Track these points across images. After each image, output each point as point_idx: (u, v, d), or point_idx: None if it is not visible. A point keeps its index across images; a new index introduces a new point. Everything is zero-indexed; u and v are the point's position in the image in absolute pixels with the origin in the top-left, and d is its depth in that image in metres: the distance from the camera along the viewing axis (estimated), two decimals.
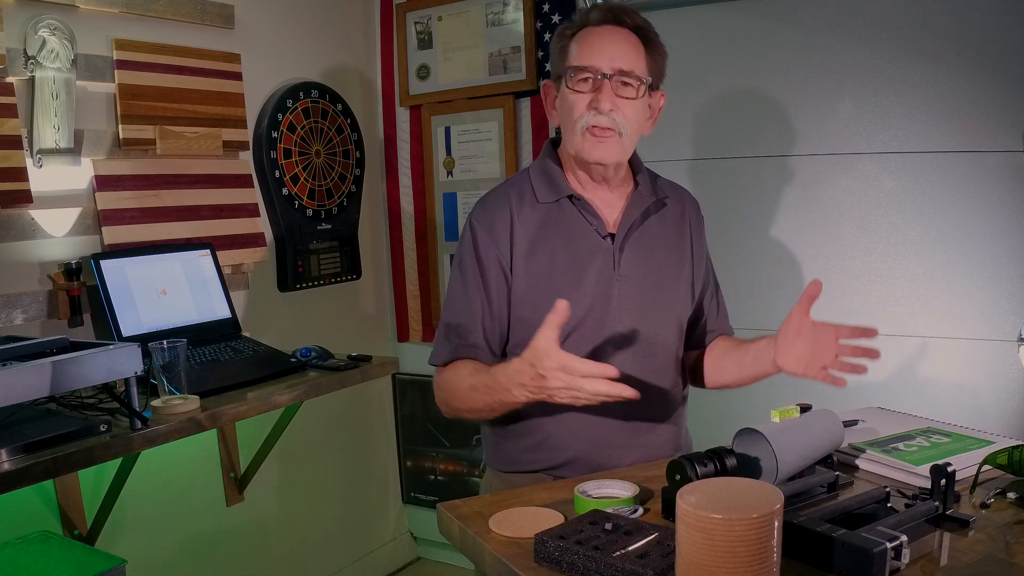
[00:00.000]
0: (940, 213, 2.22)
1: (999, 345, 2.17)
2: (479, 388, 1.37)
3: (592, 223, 1.46)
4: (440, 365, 1.49)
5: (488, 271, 1.45)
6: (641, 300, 1.47)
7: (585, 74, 1.40)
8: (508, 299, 1.46)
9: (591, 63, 1.40)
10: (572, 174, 1.49)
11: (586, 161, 1.44)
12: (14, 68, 1.95)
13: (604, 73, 1.39)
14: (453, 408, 1.47)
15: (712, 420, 1.76)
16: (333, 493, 2.95)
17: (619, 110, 1.39)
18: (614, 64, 1.39)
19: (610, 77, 1.39)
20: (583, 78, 1.40)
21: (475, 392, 1.38)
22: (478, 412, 1.43)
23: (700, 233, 1.60)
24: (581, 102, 1.40)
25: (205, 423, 1.76)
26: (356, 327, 3.05)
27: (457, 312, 1.48)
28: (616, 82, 1.39)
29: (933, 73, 2.18)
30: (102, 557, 1.57)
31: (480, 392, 1.37)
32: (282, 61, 2.70)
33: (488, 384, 1.35)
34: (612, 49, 1.40)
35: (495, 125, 2.85)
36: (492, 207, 1.48)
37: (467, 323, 1.46)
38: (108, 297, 2.00)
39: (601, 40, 1.41)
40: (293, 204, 2.69)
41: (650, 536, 0.99)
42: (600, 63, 1.39)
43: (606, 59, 1.39)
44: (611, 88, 1.39)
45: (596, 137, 1.40)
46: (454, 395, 1.44)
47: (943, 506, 1.08)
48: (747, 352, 1.49)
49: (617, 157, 1.44)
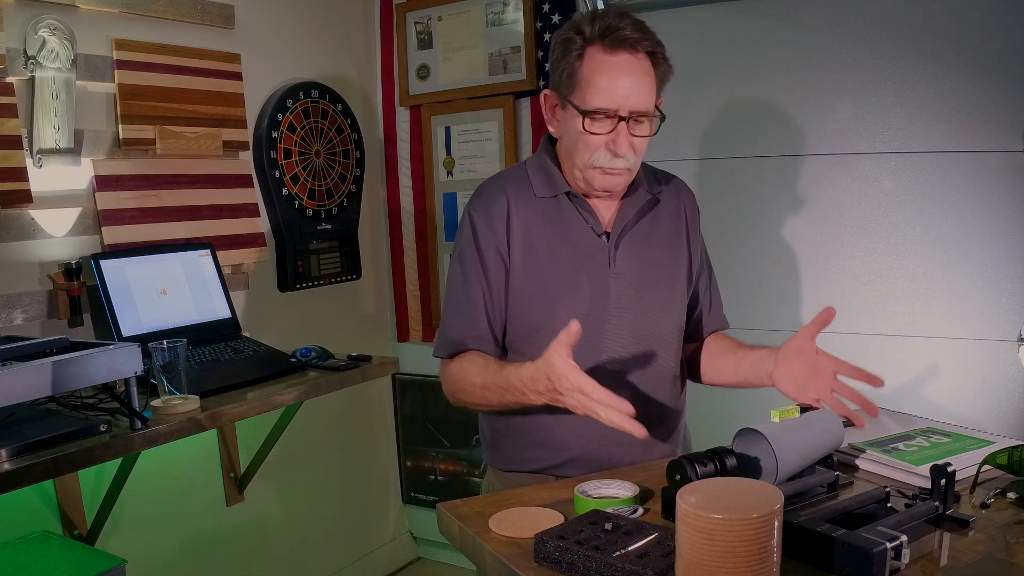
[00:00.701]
0: (940, 213, 2.22)
1: (999, 345, 2.17)
2: (491, 388, 1.37)
3: (588, 221, 1.46)
4: (445, 357, 1.49)
5: (488, 261, 1.45)
6: (638, 298, 1.46)
7: (600, 115, 1.36)
8: (506, 288, 1.46)
9: (608, 105, 1.35)
10: (568, 174, 1.49)
11: (594, 189, 1.43)
12: (14, 68, 1.95)
13: (621, 116, 1.35)
14: (460, 400, 1.47)
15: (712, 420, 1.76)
16: (333, 493, 2.95)
17: (632, 149, 1.38)
18: (630, 106, 1.35)
19: (626, 119, 1.36)
20: (598, 119, 1.36)
21: (487, 391, 1.38)
22: (487, 407, 1.44)
23: (695, 223, 1.59)
24: (596, 141, 1.37)
25: (205, 423, 1.76)
26: (356, 327, 3.05)
27: (460, 303, 1.47)
28: (632, 123, 1.37)
29: (933, 73, 2.18)
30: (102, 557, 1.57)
31: (493, 391, 1.37)
32: (282, 61, 2.70)
33: (502, 386, 1.35)
34: (629, 87, 1.35)
35: (495, 125, 2.85)
36: (489, 198, 1.48)
37: (471, 314, 1.46)
38: (108, 297, 2.00)
39: (618, 77, 1.35)
40: (293, 204, 2.69)
41: (650, 536, 0.99)
42: (617, 104, 1.35)
43: (622, 99, 1.34)
44: (627, 131, 1.36)
45: (608, 174, 1.40)
46: (462, 389, 1.45)
47: (943, 506, 1.08)
48: (745, 358, 1.49)
49: (624, 186, 1.45)
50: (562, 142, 1.46)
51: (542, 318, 1.43)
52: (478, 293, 1.46)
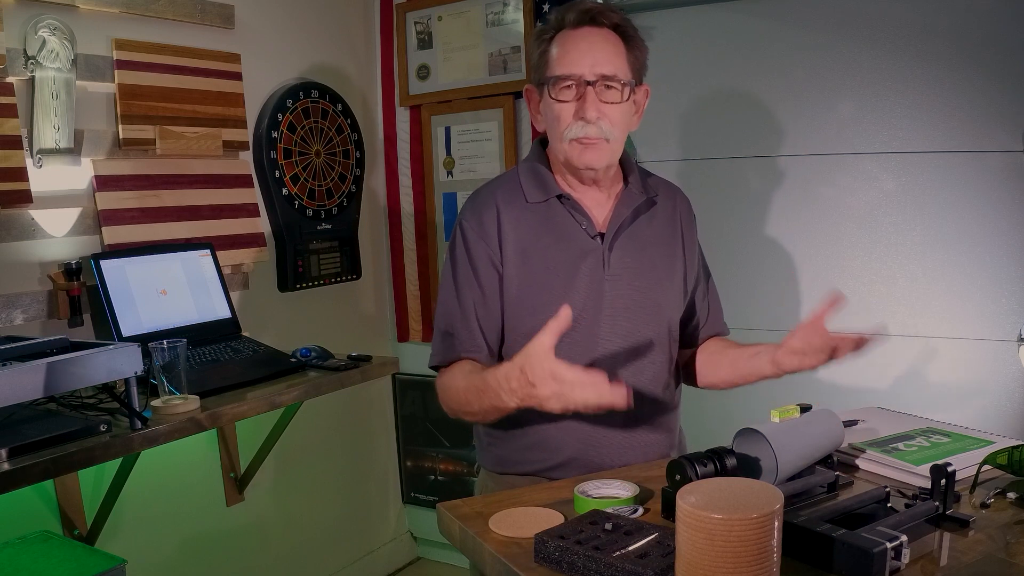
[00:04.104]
0: (940, 213, 2.22)
1: (999, 345, 2.17)
2: (471, 391, 1.35)
3: (581, 223, 1.45)
4: (440, 367, 1.48)
5: (480, 270, 1.45)
6: (633, 299, 1.46)
7: (567, 82, 1.38)
8: (501, 297, 1.45)
9: (572, 71, 1.38)
10: (561, 175, 1.49)
11: (576, 167, 1.43)
12: (14, 68, 1.95)
13: (587, 80, 1.37)
14: (452, 410, 1.46)
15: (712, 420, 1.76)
16: (333, 493, 2.94)
17: (605, 117, 1.38)
18: (596, 70, 1.37)
19: (593, 84, 1.37)
20: (565, 86, 1.39)
21: (468, 395, 1.36)
22: (473, 415, 1.41)
23: (692, 230, 1.59)
24: (566, 112, 1.39)
25: (205, 423, 1.75)
26: (356, 327, 3.05)
27: (452, 313, 1.47)
28: (600, 87, 1.38)
29: (933, 73, 2.18)
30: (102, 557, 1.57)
31: (472, 395, 1.35)
32: (282, 61, 2.70)
33: (479, 387, 1.32)
34: (593, 54, 1.38)
35: (495, 125, 2.85)
36: (479, 207, 1.48)
37: (464, 323, 1.45)
38: (108, 297, 2.00)
39: (580, 45, 1.39)
40: (293, 204, 2.69)
41: (650, 536, 0.99)
42: (582, 70, 1.37)
43: (587, 65, 1.37)
44: (595, 95, 1.38)
45: (584, 145, 1.40)
46: (451, 396, 1.43)
47: (943, 506, 1.08)
48: (743, 353, 1.48)
49: (606, 161, 1.44)
50: (547, 134, 1.47)
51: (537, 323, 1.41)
52: (470, 302, 1.45)
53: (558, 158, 1.46)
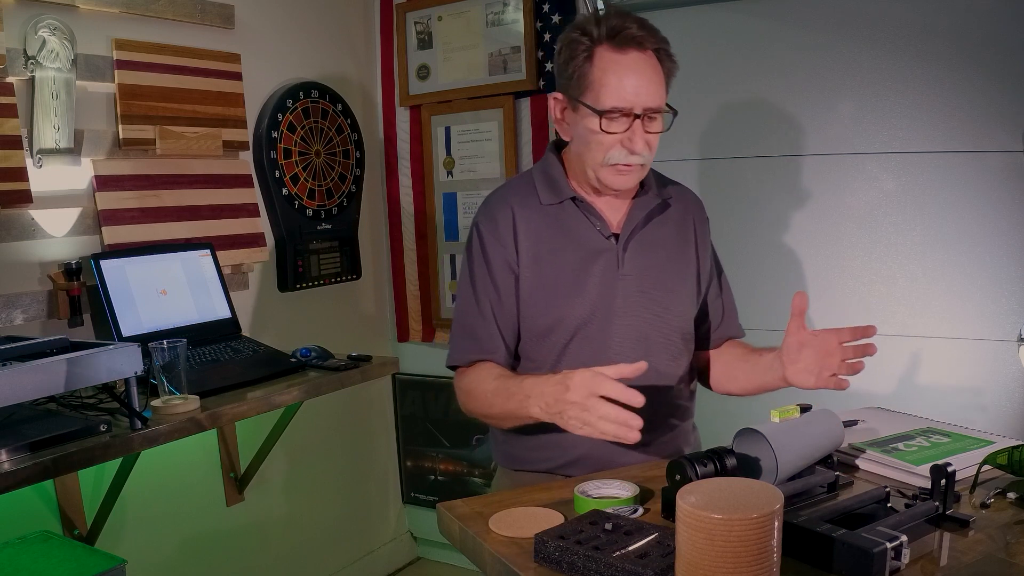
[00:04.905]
0: (940, 213, 2.22)
1: (999, 345, 2.17)
2: (500, 393, 1.37)
3: (595, 224, 1.46)
4: (460, 367, 1.49)
5: (496, 271, 1.46)
6: (645, 300, 1.47)
7: (615, 114, 1.37)
8: (516, 297, 1.46)
9: (623, 105, 1.35)
10: (575, 179, 1.49)
11: (609, 188, 1.44)
12: (14, 68, 1.95)
13: (636, 114, 1.36)
14: (471, 410, 1.47)
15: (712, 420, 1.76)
16: (333, 493, 2.94)
17: (647, 145, 1.39)
18: (643, 103, 1.36)
19: (640, 116, 1.37)
20: (614, 118, 1.37)
21: (496, 397, 1.38)
22: (492, 418, 1.43)
23: (704, 233, 1.59)
24: (611, 141, 1.38)
25: (205, 423, 1.75)
26: (356, 327, 3.05)
27: (471, 314, 1.48)
28: (646, 119, 1.38)
29: (933, 73, 2.18)
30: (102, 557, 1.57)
31: (500, 397, 1.37)
32: (282, 61, 2.70)
33: (510, 389, 1.34)
34: (641, 86, 1.35)
35: (495, 125, 2.85)
36: (494, 209, 1.49)
37: (483, 325, 1.47)
38: (108, 297, 2.00)
39: (630, 76, 1.35)
40: (293, 204, 2.69)
41: (650, 536, 0.99)
42: (631, 103, 1.36)
43: (635, 97, 1.35)
44: (642, 128, 1.37)
45: (623, 173, 1.40)
46: (473, 396, 1.44)
47: (943, 506, 1.08)
48: (759, 362, 1.48)
49: (636, 183, 1.46)
50: (573, 144, 1.47)
51: (551, 320, 1.44)
52: (487, 303, 1.47)
53: (587, 175, 1.45)
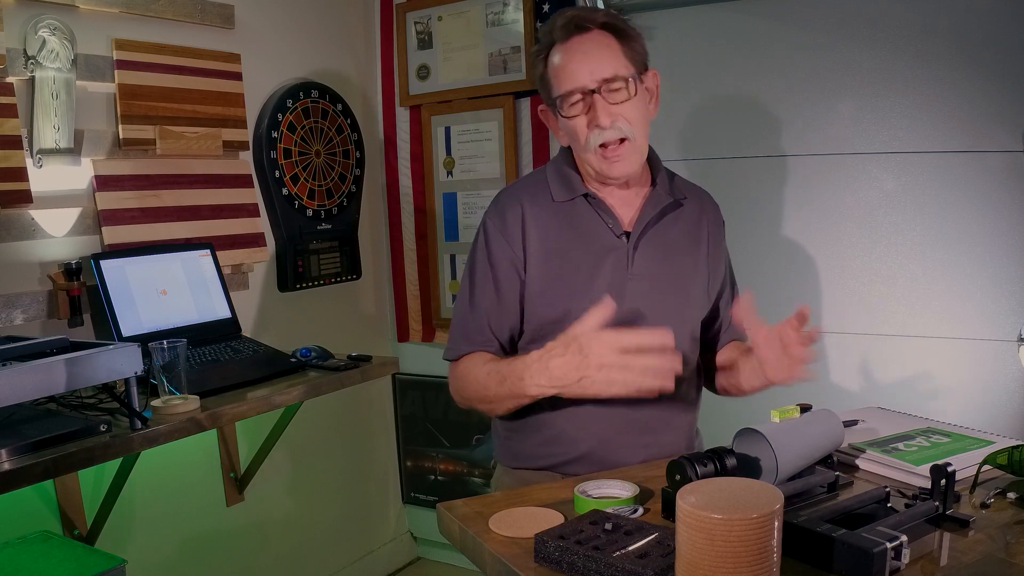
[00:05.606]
0: (940, 213, 2.22)
1: (999, 345, 2.17)
2: (492, 376, 1.38)
3: (607, 222, 1.46)
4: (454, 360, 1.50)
5: (499, 269, 1.46)
6: (654, 299, 1.46)
7: (572, 97, 1.38)
8: (521, 296, 1.46)
9: (574, 84, 1.38)
10: (588, 177, 1.49)
11: (607, 177, 1.44)
12: (14, 68, 1.95)
13: (591, 89, 1.37)
14: (465, 398, 1.48)
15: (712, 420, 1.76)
16: (333, 493, 2.94)
17: (619, 117, 1.38)
18: (595, 76, 1.37)
19: (597, 90, 1.37)
20: (572, 102, 1.39)
21: (488, 380, 1.39)
22: (488, 403, 1.43)
23: (718, 235, 1.59)
24: (581, 125, 1.39)
25: (205, 423, 1.75)
26: (356, 327, 3.05)
27: (467, 309, 1.49)
28: (605, 91, 1.37)
29: (933, 73, 2.18)
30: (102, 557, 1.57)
31: (493, 380, 1.37)
32: (282, 61, 2.70)
33: (503, 373, 1.35)
34: (588, 61, 1.37)
35: (495, 125, 2.85)
36: (504, 206, 1.49)
37: (473, 319, 1.47)
38: (108, 297, 2.00)
39: (575, 56, 1.38)
40: (293, 204, 2.69)
41: (650, 536, 0.99)
42: (582, 80, 1.37)
43: (586, 74, 1.37)
44: (603, 100, 1.37)
45: (609, 158, 1.40)
46: (467, 383, 1.45)
47: (943, 506, 1.08)
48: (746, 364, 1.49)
49: (636, 165, 1.44)
50: (572, 148, 1.48)
51: (558, 315, 1.43)
52: (482, 300, 1.47)
53: (587, 171, 1.47)
